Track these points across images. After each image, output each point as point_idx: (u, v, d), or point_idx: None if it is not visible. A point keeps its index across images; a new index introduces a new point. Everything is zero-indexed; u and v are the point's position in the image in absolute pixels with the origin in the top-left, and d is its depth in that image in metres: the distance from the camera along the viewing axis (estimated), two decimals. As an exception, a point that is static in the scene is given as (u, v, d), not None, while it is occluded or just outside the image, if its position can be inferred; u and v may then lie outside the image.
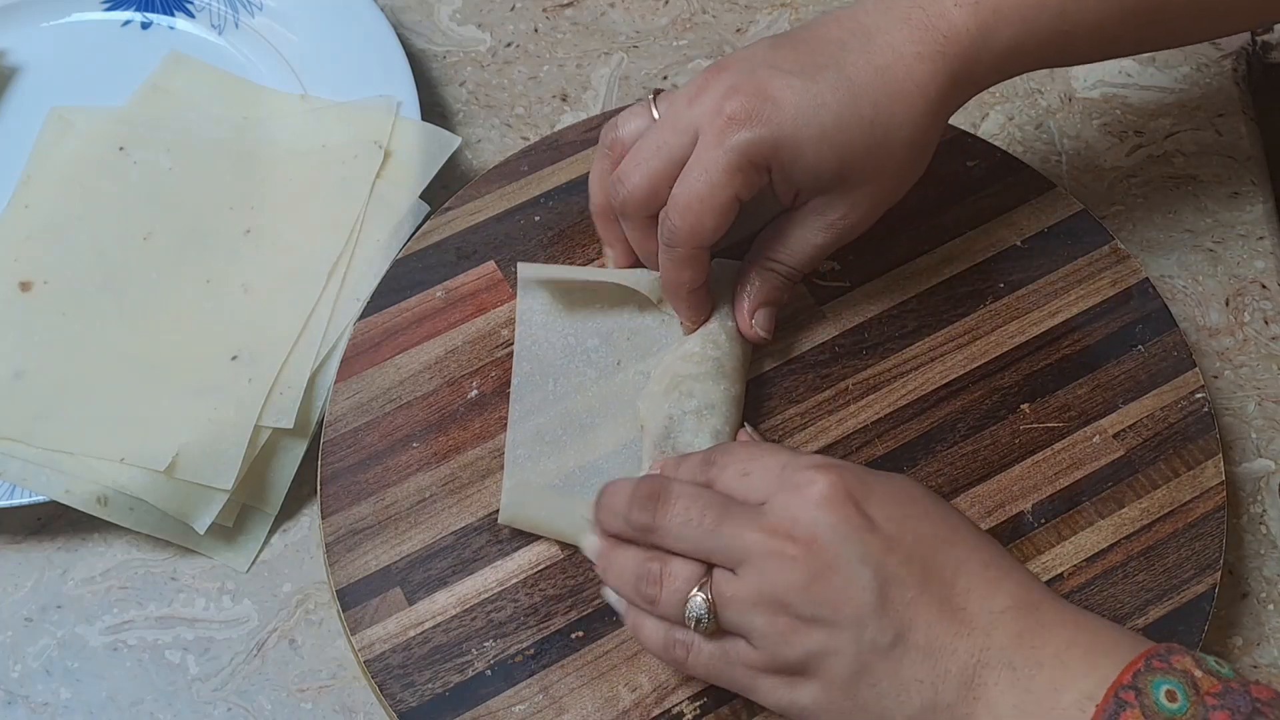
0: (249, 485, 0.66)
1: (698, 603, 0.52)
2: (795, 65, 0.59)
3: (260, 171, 0.74)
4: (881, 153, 0.59)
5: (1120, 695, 0.47)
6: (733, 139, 0.58)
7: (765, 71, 0.58)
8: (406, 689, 0.59)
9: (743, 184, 0.58)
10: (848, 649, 0.50)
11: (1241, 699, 0.46)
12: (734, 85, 0.58)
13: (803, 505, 0.51)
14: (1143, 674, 0.47)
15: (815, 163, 0.58)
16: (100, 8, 0.81)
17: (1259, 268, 0.72)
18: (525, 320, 0.66)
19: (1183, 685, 0.46)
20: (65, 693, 0.63)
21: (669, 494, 0.53)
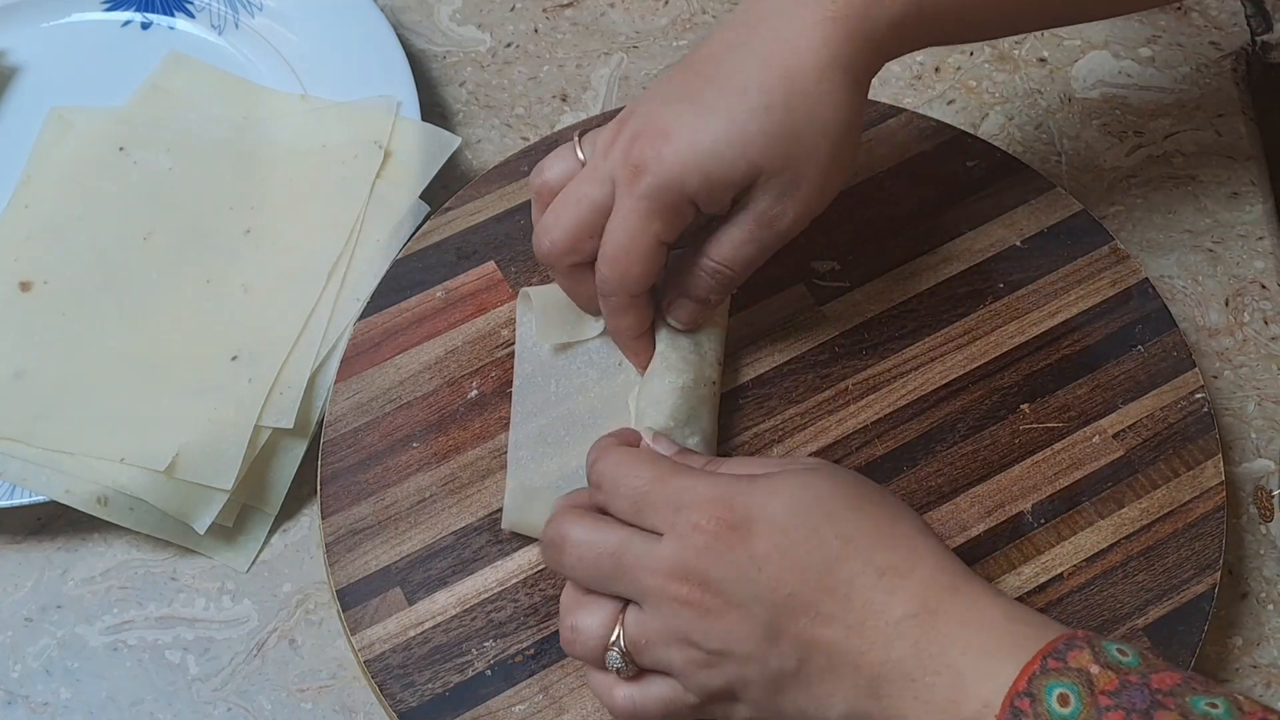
0: (249, 485, 0.66)
1: (612, 656, 0.53)
2: (685, 90, 0.58)
3: (260, 171, 0.74)
4: (788, 137, 0.57)
5: (1015, 703, 0.46)
6: (640, 187, 0.57)
7: (659, 108, 0.58)
8: (406, 689, 0.59)
9: (662, 228, 0.58)
10: (756, 677, 0.51)
11: (1139, 694, 0.45)
12: (635, 131, 0.58)
13: (692, 549, 0.51)
14: (1038, 677, 0.46)
15: (725, 175, 0.57)
16: (100, 8, 0.81)
17: (1259, 268, 0.72)
18: (525, 322, 0.66)
19: (1076, 686, 0.46)
20: (65, 693, 0.63)
21: (564, 542, 0.54)
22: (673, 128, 0.57)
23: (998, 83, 0.79)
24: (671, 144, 0.57)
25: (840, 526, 0.52)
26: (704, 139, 0.57)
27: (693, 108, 0.57)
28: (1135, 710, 0.45)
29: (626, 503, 0.54)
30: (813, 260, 0.69)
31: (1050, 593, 0.60)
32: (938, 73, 0.79)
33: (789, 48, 0.57)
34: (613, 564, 0.53)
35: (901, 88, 0.79)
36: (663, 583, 0.52)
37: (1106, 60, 0.80)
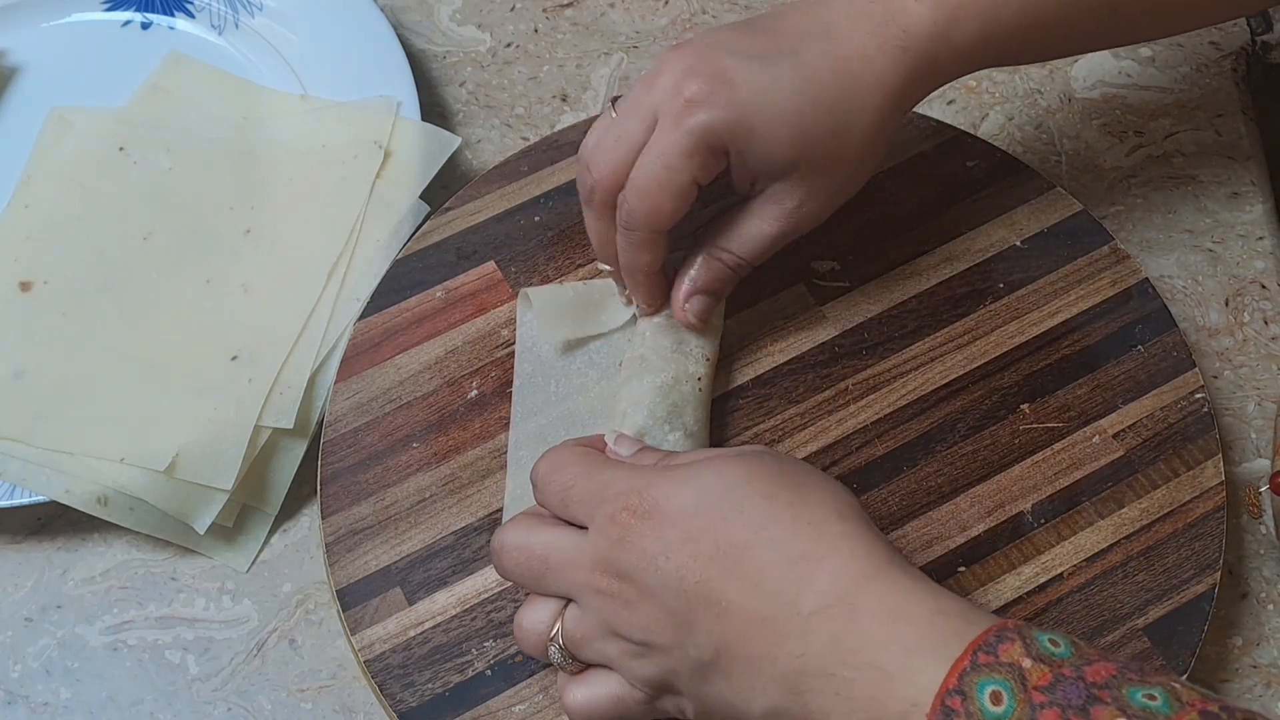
0: (249, 485, 0.66)
1: (553, 651, 0.54)
2: (755, 50, 0.59)
3: (260, 171, 0.74)
4: (838, 142, 0.59)
5: (946, 702, 0.44)
6: (690, 122, 0.57)
7: (724, 55, 0.58)
8: (406, 689, 0.59)
9: (700, 167, 0.58)
10: (681, 667, 0.51)
11: (1073, 688, 0.43)
12: (691, 67, 0.58)
13: (606, 544, 0.52)
14: (968, 673, 0.44)
15: (771, 148, 0.58)
16: (100, 8, 0.81)
17: (1259, 268, 0.72)
18: (525, 322, 0.66)
19: (1009, 683, 0.44)
20: (65, 693, 0.63)
21: (501, 549, 0.55)
22: (738, 79, 0.57)
23: (998, 83, 0.79)
24: (734, 92, 0.57)
25: (751, 515, 0.50)
26: (770, 105, 0.57)
27: (761, 68, 0.58)
28: (1071, 707, 0.43)
29: (556, 499, 0.55)
30: (813, 260, 0.69)
31: (1050, 593, 0.60)
32: (938, 73, 0.79)
33: (861, 60, 0.58)
34: (541, 565, 0.54)
35: (901, 88, 0.79)
36: (586, 576, 0.52)
37: (1106, 60, 0.80)
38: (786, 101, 0.58)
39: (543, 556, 0.54)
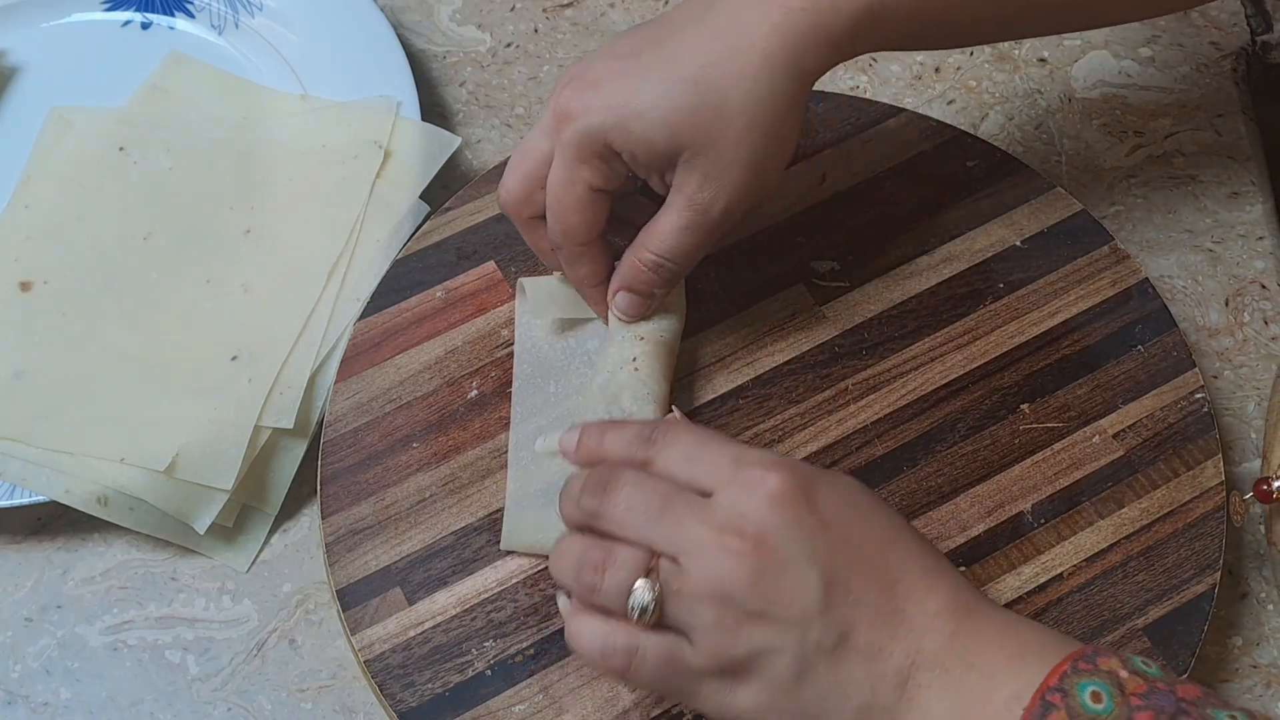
0: (249, 485, 0.66)
1: (641, 593, 0.50)
2: (627, 49, 0.59)
3: (260, 171, 0.74)
4: (715, 113, 0.57)
5: (1047, 698, 0.47)
6: (566, 134, 0.58)
7: (597, 63, 0.59)
8: (406, 689, 0.59)
9: (592, 174, 0.59)
10: (791, 648, 0.49)
11: (1166, 699, 0.46)
12: (567, 82, 0.59)
13: (753, 502, 0.50)
14: (1069, 676, 0.47)
15: (645, 136, 0.57)
16: (100, 8, 0.81)
17: (1259, 268, 0.72)
18: (524, 322, 0.67)
19: (1108, 686, 0.46)
20: (65, 693, 0.63)
21: (616, 481, 0.52)
22: (603, 80, 0.58)
23: (998, 83, 0.79)
24: (599, 94, 0.58)
25: (889, 524, 0.52)
26: (630, 96, 0.57)
27: (627, 65, 0.58)
28: (1164, 712, 0.45)
29: (680, 456, 0.52)
30: (813, 260, 0.69)
31: (1050, 593, 0.60)
32: (938, 73, 0.79)
33: (737, 28, 0.57)
34: (662, 504, 0.51)
35: (901, 88, 0.79)
36: (713, 533, 0.50)
37: (1106, 60, 0.80)
38: (650, 88, 0.57)
39: (666, 497, 0.51)
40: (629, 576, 0.50)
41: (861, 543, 0.51)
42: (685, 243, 0.60)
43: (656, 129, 0.57)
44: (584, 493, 0.53)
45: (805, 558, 0.49)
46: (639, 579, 0.50)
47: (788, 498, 0.50)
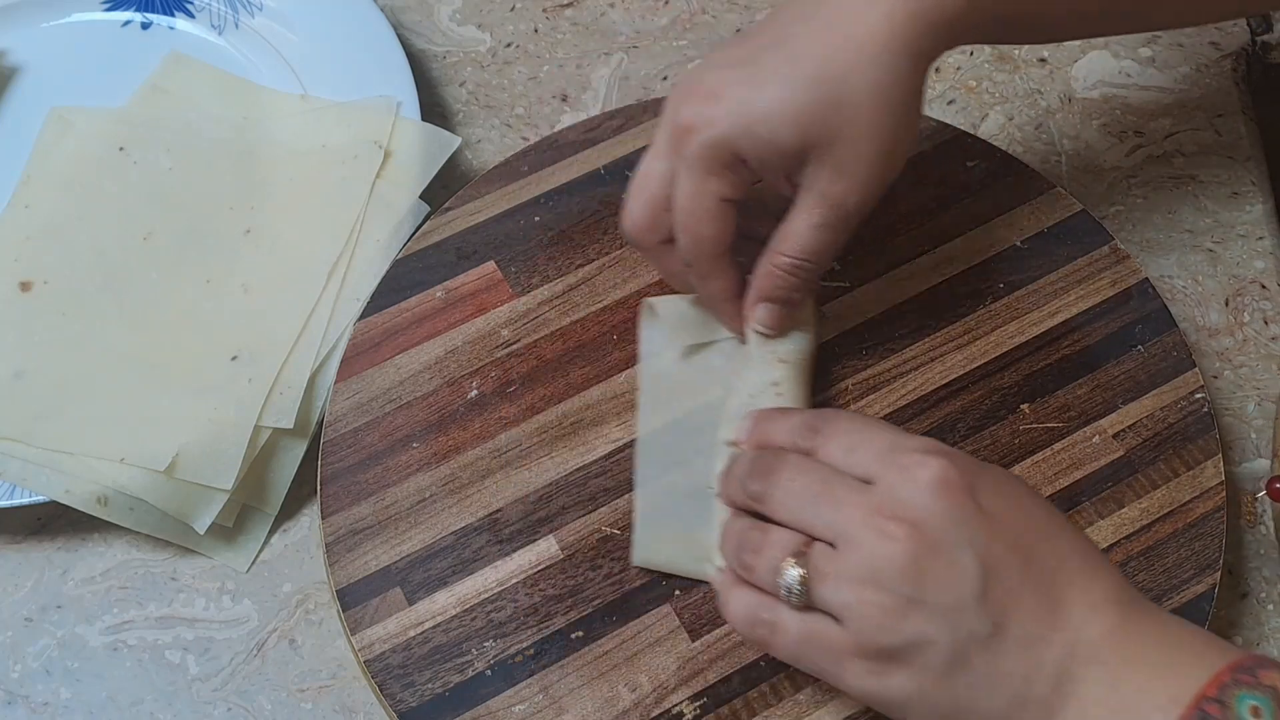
0: (249, 485, 0.66)
1: (791, 573, 0.51)
2: (741, 57, 0.59)
3: (260, 171, 0.74)
4: (842, 108, 0.57)
5: (1204, 707, 0.46)
6: (691, 148, 0.58)
7: (710, 73, 0.59)
8: (406, 689, 0.59)
9: (720, 186, 0.58)
10: (944, 637, 0.49)
11: None
12: (683, 96, 0.59)
13: (912, 488, 0.50)
14: (1229, 687, 0.46)
15: (773, 139, 0.57)
16: (100, 8, 0.81)
17: (1259, 268, 0.72)
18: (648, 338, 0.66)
19: (1269, 701, 0.46)
20: (65, 693, 0.63)
21: (781, 464, 0.54)
22: (723, 89, 0.58)
23: (998, 83, 0.79)
24: (721, 104, 0.57)
25: (1045, 520, 0.52)
26: (753, 102, 0.57)
27: (746, 71, 0.58)
28: None
29: (840, 444, 0.53)
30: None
31: (1050, 593, 0.60)
32: (938, 73, 0.79)
33: (850, 21, 0.57)
34: (823, 488, 0.52)
35: (901, 88, 0.79)
36: (871, 517, 0.50)
37: (1106, 60, 0.80)
38: (773, 90, 0.57)
39: (827, 482, 0.52)
40: (780, 556, 0.52)
41: (1021, 532, 0.50)
42: (821, 240, 0.60)
43: (784, 131, 0.57)
44: (749, 476, 0.54)
45: (963, 544, 0.49)
46: (788, 561, 0.51)
47: (947, 484, 0.50)
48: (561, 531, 0.62)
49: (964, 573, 0.49)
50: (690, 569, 0.60)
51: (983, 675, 0.49)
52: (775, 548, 0.52)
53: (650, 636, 0.60)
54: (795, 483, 0.53)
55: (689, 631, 0.60)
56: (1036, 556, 0.50)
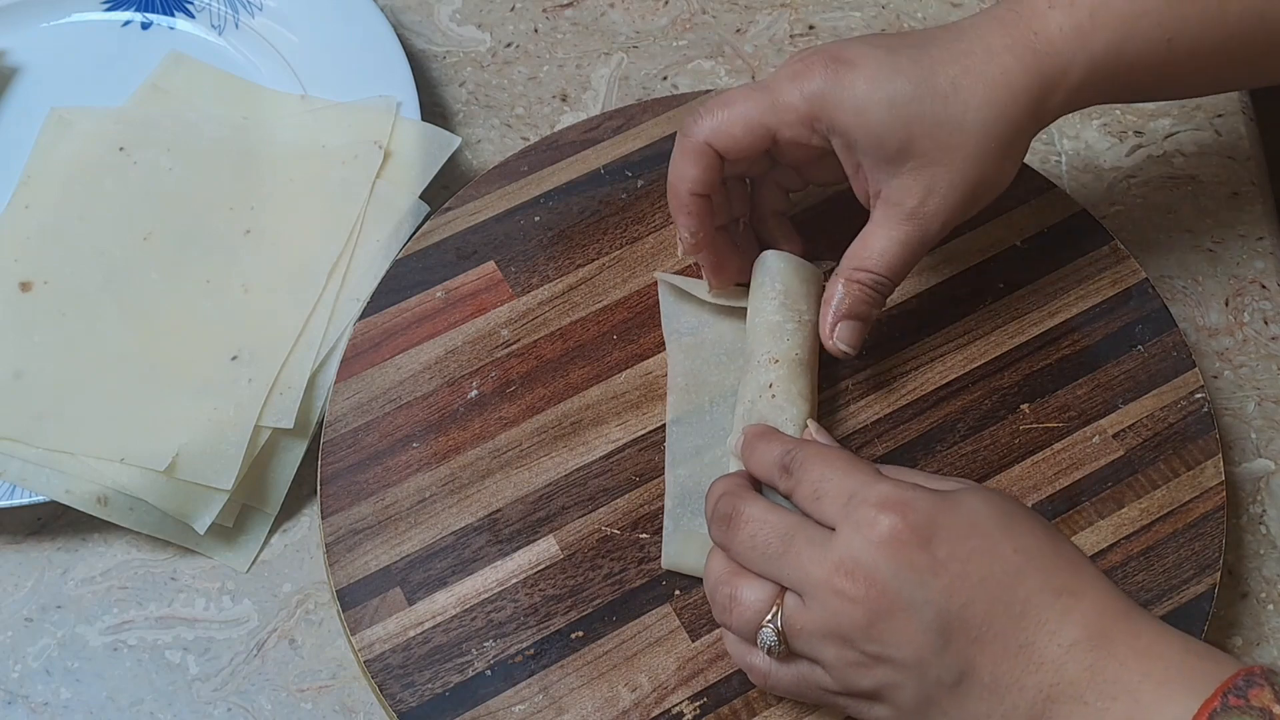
0: (249, 485, 0.66)
1: (767, 633, 0.53)
2: (884, 44, 0.59)
3: (260, 171, 0.74)
4: (953, 130, 0.58)
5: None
6: (800, 84, 0.58)
7: (852, 46, 0.59)
8: (406, 689, 0.59)
9: (784, 122, 0.59)
10: (911, 684, 0.50)
11: None
12: (813, 52, 0.59)
13: (864, 546, 0.50)
14: (1219, 714, 0.46)
15: (880, 129, 0.57)
16: (100, 8, 0.81)
17: (1259, 268, 0.72)
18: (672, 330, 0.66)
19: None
20: (65, 693, 0.63)
21: (739, 516, 0.54)
22: (856, 59, 0.58)
23: (998, 83, 0.79)
24: (853, 69, 0.58)
25: (1018, 542, 0.51)
26: (885, 86, 0.57)
27: (885, 57, 0.58)
28: None
29: (807, 490, 0.54)
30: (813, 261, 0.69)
31: (1050, 593, 0.60)
32: (938, 73, 0.79)
33: (988, 59, 0.58)
34: (782, 546, 0.52)
35: (901, 88, 0.79)
36: (829, 575, 0.51)
37: (1106, 60, 0.80)
38: (901, 84, 0.58)
39: (786, 539, 0.52)
40: (755, 619, 0.53)
41: (983, 578, 0.50)
42: (904, 258, 0.60)
43: (895, 129, 0.57)
44: (712, 521, 0.55)
45: (918, 602, 0.50)
46: (764, 620, 0.53)
47: (898, 541, 0.50)
48: (561, 531, 0.62)
49: (920, 628, 0.50)
50: None
51: (955, 715, 0.50)
52: (748, 610, 0.53)
53: (650, 636, 0.60)
54: (756, 538, 0.53)
55: (689, 631, 0.60)
56: (1002, 600, 0.50)
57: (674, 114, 0.73)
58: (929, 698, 0.50)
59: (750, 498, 0.55)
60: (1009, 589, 0.50)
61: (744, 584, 0.53)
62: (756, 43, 0.81)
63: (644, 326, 0.68)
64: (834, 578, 0.51)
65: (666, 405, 0.65)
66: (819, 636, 0.51)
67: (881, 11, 0.82)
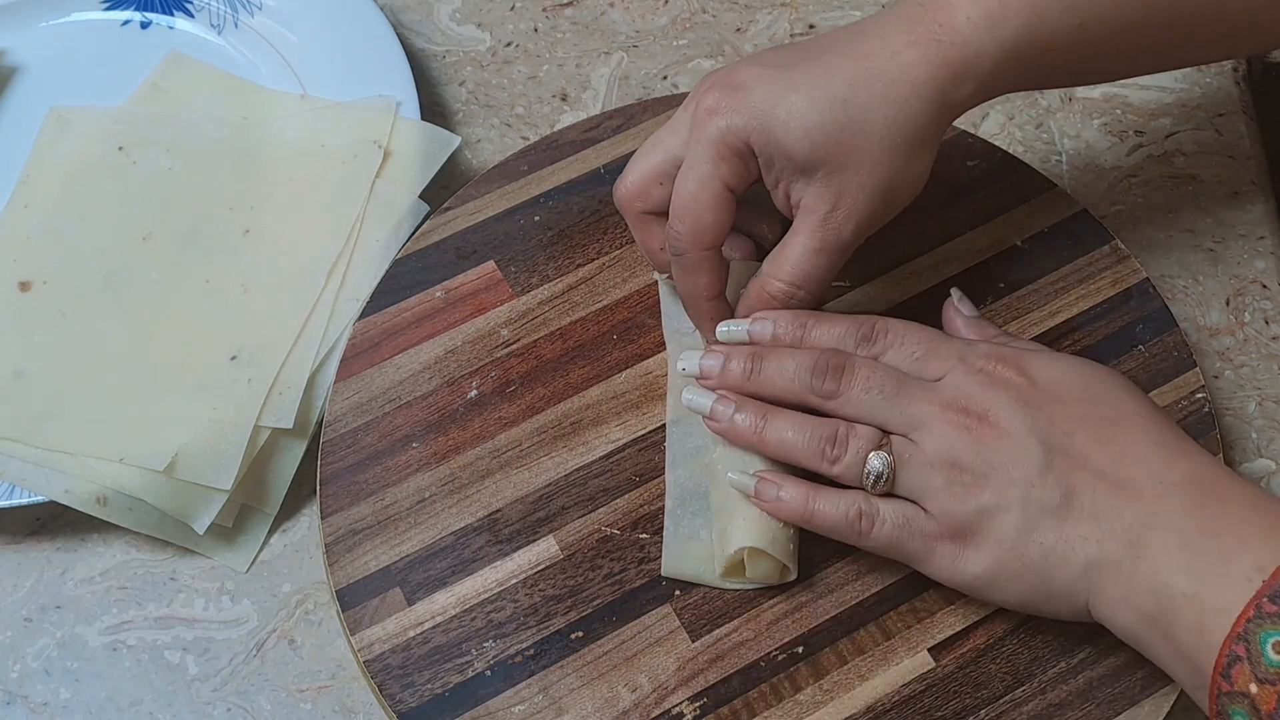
0: (248, 485, 0.66)
1: (876, 462, 0.56)
2: (779, 61, 0.60)
3: (260, 171, 0.74)
4: (858, 134, 0.58)
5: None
6: (708, 129, 0.59)
7: (745, 68, 0.60)
8: (406, 689, 0.59)
9: (729, 172, 0.59)
10: (1015, 505, 0.53)
11: None
12: (713, 82, 0.60)
13: (975, 385, 0.56)
14: None
15: (787, 143, 0.58)
16: (100, 8, 0.81)
17: (1259, 267, 0.72)
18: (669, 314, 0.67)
19: None
20: (65, 693, 0.63)
21: (854, 366, 0.57)
22: (750, 85, 0.59)
23: (998, 82, 0.79)
24: (747, 96, 0.58)
25: (1120, 401, 0.56)
26: (783, 103, 0.58)
27: (777, 74, 0.59)
28: None
29: (911, 347, 0.58)
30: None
31: (1050, 593, 0.60)
32: (938, 72, 0.79)
33: (888, 57, 0.58)
34: (897, 386, 0.56)
35: (902, 87, 0.79)
36: (941, 410, 0.55)
37: (1107, 60, 0.79)
38: (800, 98, 0.58)
39: (899, 380, 0.57)
40: (867, 446, 0.56)
41: (1085, 416, 0.55)
42: (818, 267, 0.60)
43: (799, 139, 0.58)
44: (816, 374, 0.57)
45: (1024, 429, 0.54)
46: (874, 450, 0.56)
47: (1006, 381, 0.56)
48: (561, 532, 0.62)
49: (1027, 451, 0.54)
50: (716, 583, 0.60)
51: (1055, 541, 0.53)
52: (862, 440, 0.56)
53: (650, 637, 0.60)
54: (871, 381, 0.56)
55: (689, 632, 0.60)
56: (1103, 438, 0.54)
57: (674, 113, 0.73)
58: (1030, 521, 0.53)
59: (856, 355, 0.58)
60: (1108, 431, 0.54)
61: (853, 424, 0.57)
62: (756, 42, 0.81)
63: (644, 326, 0.67)
64: (946, 412, 0.55)
65: (666, 406, 0.65)
66: (929, 464, 0.55)
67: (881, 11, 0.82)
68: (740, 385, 0.59)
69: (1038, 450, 0.54)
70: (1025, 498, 0.53)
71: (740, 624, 0.60)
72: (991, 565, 0.54)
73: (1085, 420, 0.55)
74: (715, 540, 0.60)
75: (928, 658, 0.59)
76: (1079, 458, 0.54)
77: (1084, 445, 0.54)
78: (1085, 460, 0.54)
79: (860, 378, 0.57)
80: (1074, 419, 0.55)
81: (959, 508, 0.54)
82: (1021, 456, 0.54)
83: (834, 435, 0.56)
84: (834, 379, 0.57)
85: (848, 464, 0.56)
